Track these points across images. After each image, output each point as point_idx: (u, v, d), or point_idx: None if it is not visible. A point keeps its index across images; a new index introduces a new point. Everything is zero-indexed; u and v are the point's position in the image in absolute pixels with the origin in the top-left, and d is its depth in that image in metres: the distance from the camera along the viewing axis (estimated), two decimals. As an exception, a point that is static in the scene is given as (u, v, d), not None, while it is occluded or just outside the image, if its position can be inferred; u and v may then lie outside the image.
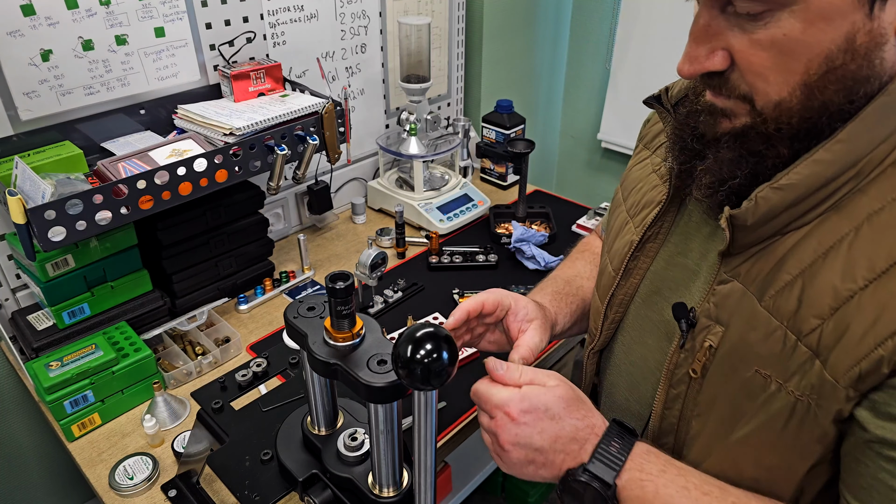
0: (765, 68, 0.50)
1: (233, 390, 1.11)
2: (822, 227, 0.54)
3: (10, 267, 1.18)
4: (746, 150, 0.55)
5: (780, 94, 0.51)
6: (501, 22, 1.90)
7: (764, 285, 0.56)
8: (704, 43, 0.53)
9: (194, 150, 1.13)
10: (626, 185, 0.79)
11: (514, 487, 1.88)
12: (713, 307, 0.60)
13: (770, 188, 0.53)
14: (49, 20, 1.08)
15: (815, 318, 0.52)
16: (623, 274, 0.73)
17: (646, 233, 0.71)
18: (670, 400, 0.65)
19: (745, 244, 0.57)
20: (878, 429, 0.50)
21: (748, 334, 0.56)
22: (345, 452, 0.83)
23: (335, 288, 0.68)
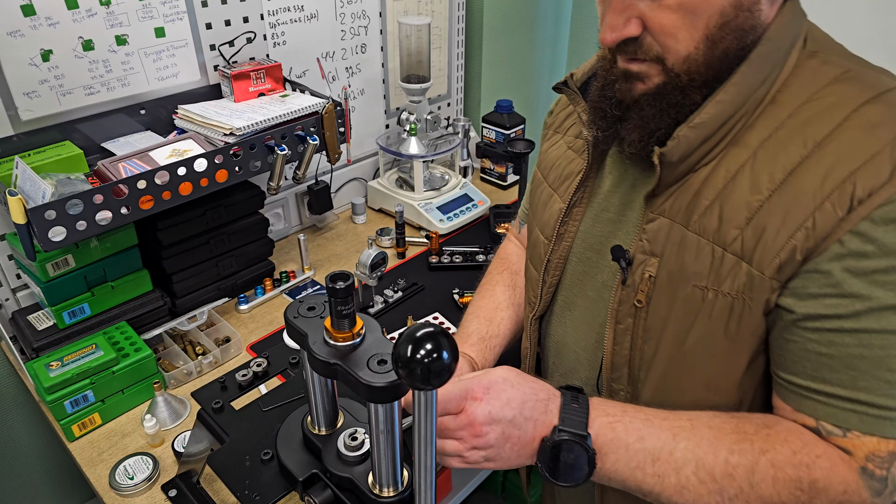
0: (674, 28, 0.60)
1: (233, 390, 1.11)
2: (726, 159, 0.64)
3: (11, 267, 1.18)
4: (666, 103, 0.64)
5: (688, 49, 0.61)
6: (501, 22, 1.91)
7: (687, 214, 0.65)
8: (621, 14, 0.61)
9: (194, 150, 1.13)
10: (544, 165, 0.88)
11: (514, 487, 1.88)
12: (646, 243, 0.68)
13: (688, 127, 0.63)
14: (49, 20, 1.08)
15: (735, 228, 0.62)
16: (556, 239, 0.81)
17: (572, 198, 0.79)
18: (619, 335, 0.72)
19: (666, 184, 0.67)
20: (802, 307, 0.60)
21: (682, 257, 0.66)
22: (345, 452, 0.83)
23: (335, 288, 0.68)
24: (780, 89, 0.63)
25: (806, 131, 0.60)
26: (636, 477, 0.65)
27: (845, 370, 0.59)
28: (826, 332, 0.60)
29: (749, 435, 0.64)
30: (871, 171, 0.56)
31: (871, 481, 0.59)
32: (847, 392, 0.59)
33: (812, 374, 0.61)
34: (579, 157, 0.80)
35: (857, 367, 0.59)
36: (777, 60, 0.63)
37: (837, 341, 0.59)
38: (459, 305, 1.32)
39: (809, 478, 0.60)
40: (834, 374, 0.60)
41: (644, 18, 0.61)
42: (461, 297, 1.33)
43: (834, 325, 0.59)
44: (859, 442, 0.59)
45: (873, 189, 0.56)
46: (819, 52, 0.64)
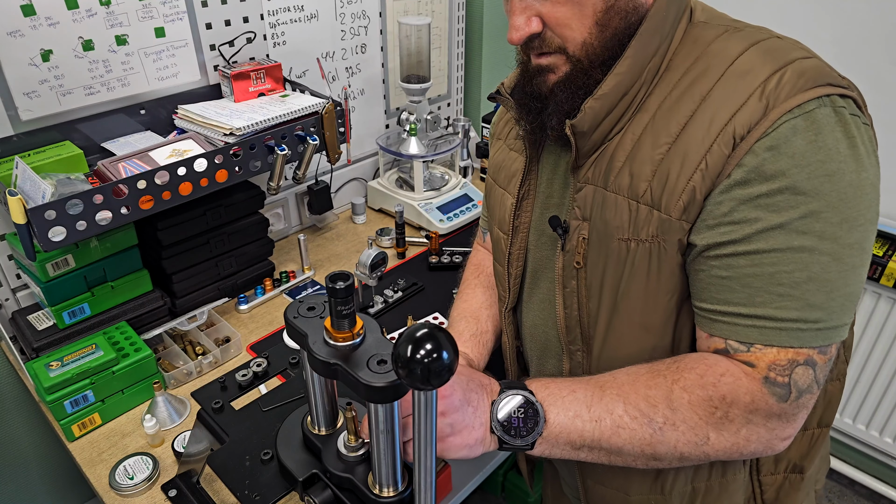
0: (567, 19, 0.68)
1: (233, 390, 1.11)
2: (633, 125, 0.71)
3: (11, 267, 1.18)
4: (575, 86, 0.71)
5: (582, 36, 0.68)
6: (501, 22, 1.90)
7: (606, 177, 0.72)
8: (522, 14, 0.69)
9: (194, 150, 1.13)
10: (492, 170, 0.94)
11: (513, 487, 1.88)
12: (577, 210, 0.75)
13: (592, 99, 0.70)
14: (49, 20, 1.08)
15: (644, 181, 0.69)
16: (512, 232, 0.87)
17: (519, 192, 0.85)
18: (567, 297, 0.79)
19: (585, 153, 0.73)
20: (703, 239, 0.67)
21: (605, 216, 0.73)
22: (345, 452, 0.83)
23: (335, 288, 0.68)
24: (672, 57, 0.71)
25: (694, 88, 0.68)
26: (577, 426, 0.70)
27: (742, 289, 0.66)
28: (724, 258, 0.66)
29: (661, 371, 0.70)
30: (747, 111, 0.64)
31: (775, 388, 0.65)
32: (746, 309, 0.66)
33: (716, 297, 0.68)
34: (520, 155, 0.87)
35: (753, 286, 0.65)
36: (665, 33, 0.70)
37: (734, 264, 0.66)
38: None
39: (718, 394, 0.66)
40: (734, 295, 0.66)
41: (542, 16, 0.69)
42: (461, 297, 1.33)
43: (729, 251, 0.65)
44: (761, 354, 0.66)
45: (751, 126, 0.63)
46: (702, 22, 0.73)
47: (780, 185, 0.62)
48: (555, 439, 0.71)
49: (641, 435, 0.69)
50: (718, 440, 0.68)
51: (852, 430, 1.82)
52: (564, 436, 0.71)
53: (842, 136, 0.62)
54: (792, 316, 0.64)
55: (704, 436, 0.68)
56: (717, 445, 0.68)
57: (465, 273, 1.10)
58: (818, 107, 0.62)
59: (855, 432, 1.82)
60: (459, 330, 0.98)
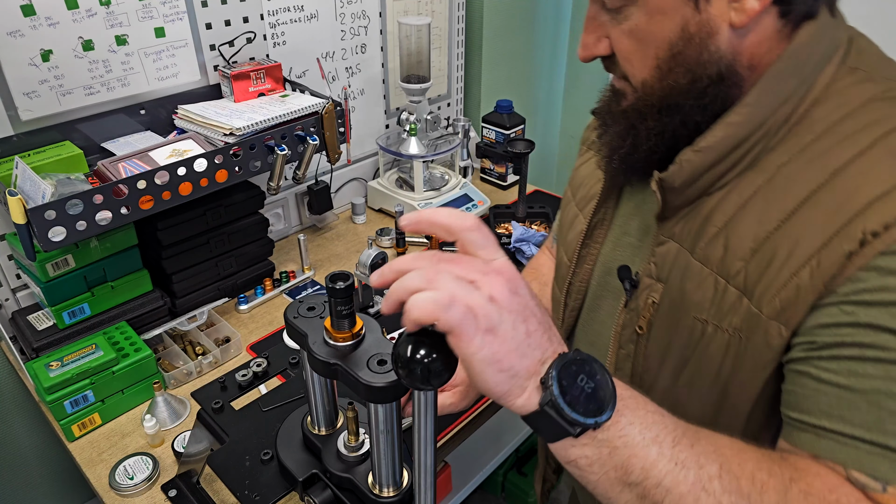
0: (629, 53, 0.60)
1: (233, 390, 1.11)
2: (740, 184, 0.59)
3: (11, 267, 1.18)
4: (626, 124, 0.63)
5: (643, 75, 0.60)
6: (501, 22, 1.90)
7: (695, 240, 0.61)
8: (593, 32, 0.62)
9: (194, 150, 1.13)
10: (574, 183, 0.85)
11: (513, 487, 1.88)
12: (654, 267, 0.65)
13: (691, 151, 0.59)
14: (49, 20, 1.08)
15: (740, 260, 0.57)
16: (577, 261, 0.78)
17: (592, 220, 0.76)
18: (621, 360, 0.70)
19: (676, 206, 0.63)
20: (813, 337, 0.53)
21: (684, 285, 0.62)
22: (345, 452, 0.83)
23: (335, 288, 0.68)
24: (809, 108, 0.57)
25: (828, 156, 0.54)
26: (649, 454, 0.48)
27: (870, 409, 0.50)
28: (845, 361, 0.51)
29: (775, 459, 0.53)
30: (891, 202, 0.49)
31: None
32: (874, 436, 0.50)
33: (828, 410, 0.52)
34: None
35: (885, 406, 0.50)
36: (805, 76, 0.57)
37: (859, 371, 0.51)
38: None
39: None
40: (856, 413, 0.51)
41: (610, 40, 0.61)
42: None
43: (854, 353, 0.51)
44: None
45: (890, 222, 0.49)
46: (861, 68, 0.58)
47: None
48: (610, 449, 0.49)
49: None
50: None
51: None
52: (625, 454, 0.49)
53: None
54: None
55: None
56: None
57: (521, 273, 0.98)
58: None
59: None
60: None
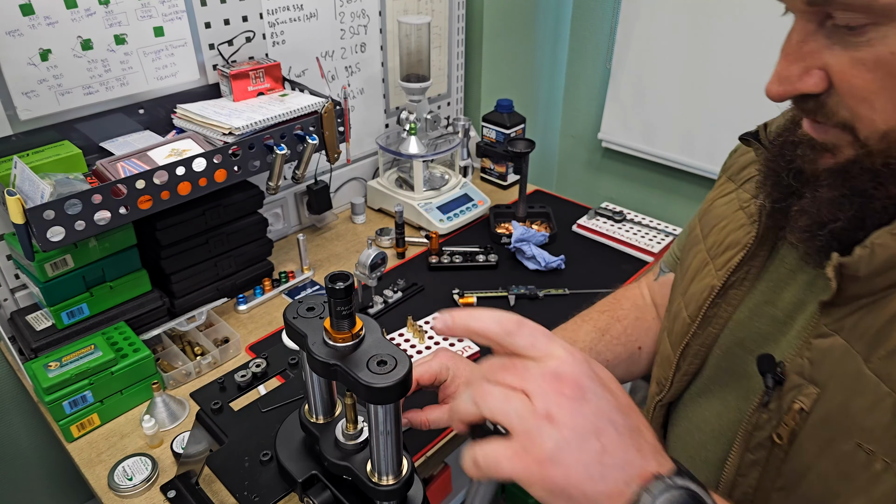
0: (869, 92, 0.44)
1: (232, 391, 1.11)
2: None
3: (9, 267, 1.18)
4: (850, 188, 0.48)
5: (888, 123, 0.44)
6: (501, 21, 1.90)
7: (873, 344, 0.48)
8: (798, 61, 0.46)
9: (193, 149, 1.13)
10: (707, 220, 0.71)
11: (514, 487, 1.88)
12: (807, 363, 0.52)
13: (890, 234, 0.46)
14: (48, 20, 1.08)
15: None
16: (701, 322, 0.66)
17: (729, 278, 0.64)
18: (746, 466, 0.57)
19: (853, 296, 0.50)
20: None
21: (851, 400, 0.49)
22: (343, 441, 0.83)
23: (335, 288, 0.67)
24: None
25: None
26: None
27: None
28: None
29: None
30: None
31: None
32: None
33: None
34: (751, 224, 0.63)
35: None
36: None
37: None
38: (459, 307, 1.32)
39: None
40: None
41: (829, 72, 0.45)
42: (461, 297, 1.33)
43: None
44: None
45: None
46: None
47: None
48: None
49: None
50: None
51: None
52: None
53: None
54: None
55: None
56: None
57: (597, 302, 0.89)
58: None
59: None
60: None
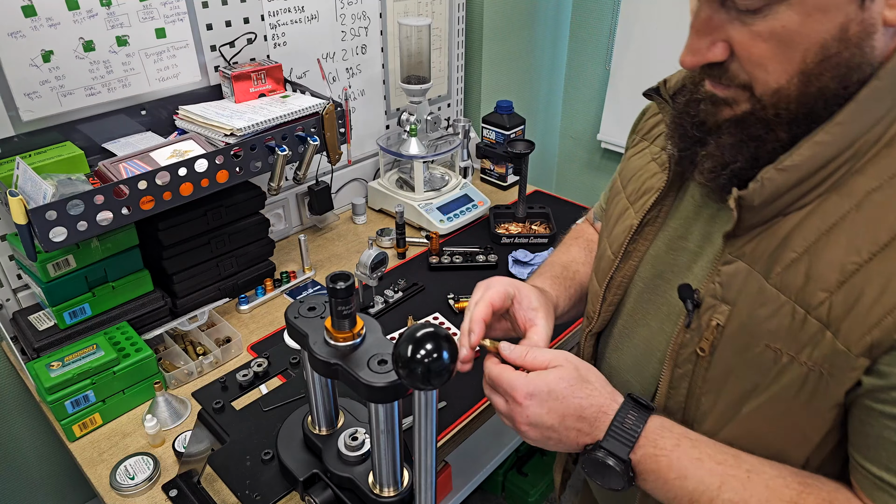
0: (764, 58, 0.53)
1: (234, 390, 1.12)
2: (823, 206, 0.56)
3: (12, 267, 1.19)
4: (747, 135, 0.57)
5: (778, 82, 0.54)
6: (501, 22, 1.91)
7: (769, 263, 0.58)
8: (706, 35, 0.55)
9: (195, 150, 1.13)
10: (625, 173, 0.81)
11: (514, 487, 1.88)
12: (718, 287, 0.62)
13: (775, 169, 0.55)
14: (50, 21, 1.08)
15: (823, 291, 0.54)
16: (622, 257, 0.75)
17: (645, 216, 0.73)
18: (676, 379, 0.67)
19: (750, 225, 0.59)
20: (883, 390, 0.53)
21: (756, 311, 0.58)
22: (345, 452, 0.84)
23: (336, 288, 0.68)
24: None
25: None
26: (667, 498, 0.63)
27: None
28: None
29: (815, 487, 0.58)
30: None
31: None
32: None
33: (887, 464, 0.55)
34: (662, 172, 0.73)
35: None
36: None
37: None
38: (455, 311, 1.32)
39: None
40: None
41: (732, 43, 0.54)
42: (457, 301, 1.33)
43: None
44: None
45: None
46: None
47: None
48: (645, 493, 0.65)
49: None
50: None
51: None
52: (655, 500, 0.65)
53: None
54: None
55: None
56: None
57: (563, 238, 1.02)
58: None
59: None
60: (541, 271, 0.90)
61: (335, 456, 0.85)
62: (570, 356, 0.68)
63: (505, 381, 0.65)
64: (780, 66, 0.53)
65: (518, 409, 0.64)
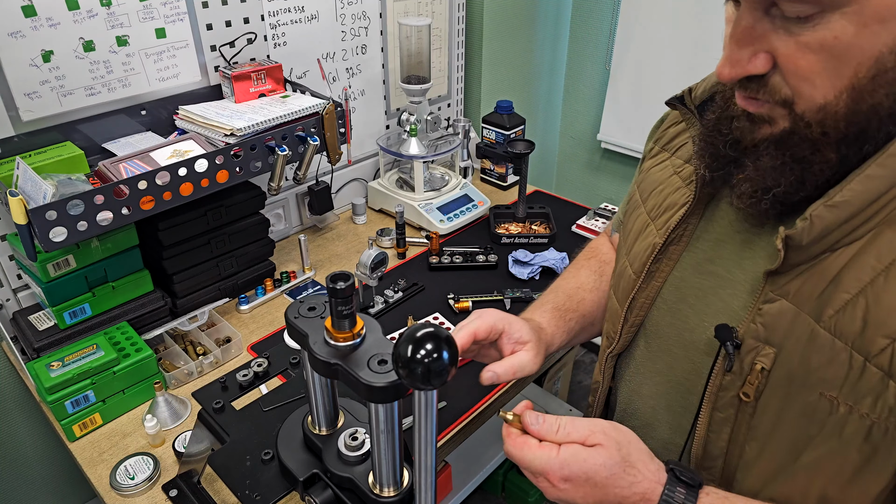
0: (812, 72, 0.49)
1: (234, 390, 1.12)
2: (877, 242, 0.52)
3: (12, 267, 1.19)
4: (790, 156, 0.53)
5: (825, 98, 0.50)
6: (501, 22, 1.91)
7: (820, 305, 0.54)
8: (747, 45, 0.51)
9: (195, 150, 1.13)
10: (645, 186, 0.77)
11: (514, 487, 1.88)
12: (761, 328, 0.58)
13: (824, 206, 0.52)
14: (50, 21, 1.08)
15: (884, 337, 0.50)
16: (645, 277, 0.72)
17: (670, 235, 0.69)
18: (717, 423, 0.63)
19: (794, 263, 0.56)
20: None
21: (808, 357, 0.54)
22: (345, 452, 0.84)
23: (336, 288, 0.68)
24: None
25: None
26: None
27: None
28: None
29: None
30: None
31: None
32: None
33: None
34: (686, 186, 0.69)
35: None
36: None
37: None
38: (455, 311, 1.32)
39: None
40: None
41: (775, 55, 0.51)
42: (457, 302, 1.33)
43: None
44: None
45: None
46: None
47: None
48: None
49: None
50: None
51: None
52: None
53: None
54: None
55: None
56: None
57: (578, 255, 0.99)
58: None
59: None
60: (544, 300, 0.88)
61: (335, 456, 0.85)
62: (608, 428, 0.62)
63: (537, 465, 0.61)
64: (829, 81, 0.49)
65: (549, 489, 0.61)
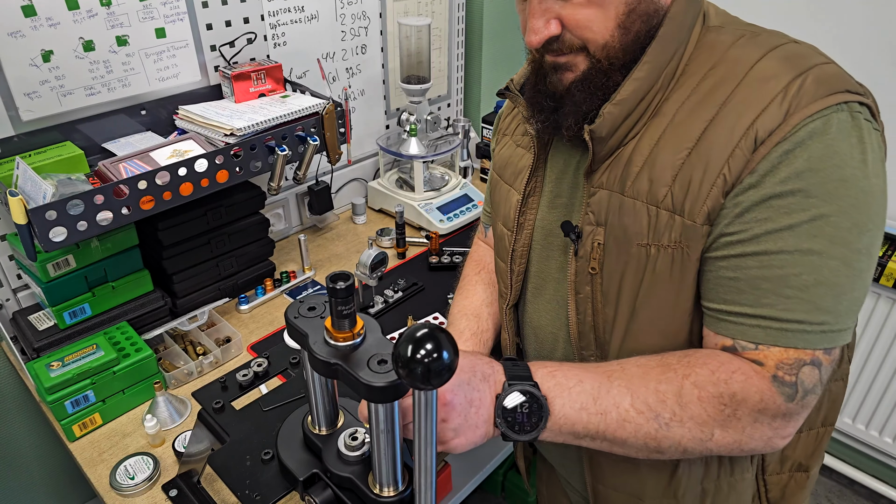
0: (588, 21, 0.68)
1: (233, 390, 1.12)
2: (650, 129, 0.71)
3: (12, 267, 1.19)
4: (593, 86, 0.71)
5: (604, 38, 0.69)
6: (501, 22, 1.91)
7: (622, 182, 0.72)
8: (541, 17, 0.69)
9: (195, 150, 1.13)
10: (498, 166, 0.94)
11: (514, 487, 1.88)
12: (591, 215, 0.75)
13: (611, 104, 0.70)
14: (50, 21, 1.08)
15: (664, 186, 0.69)
16: (517, 229, 0.87)
17: (525, 189, 0.85)
18: (581, 303, 0.78)
19: (601, 158, 0.74)
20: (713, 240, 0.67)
21: (623, 221, 0.72)
22: (345, 452, 0.84)
23: (336, 288, 0.68)
24: (688, 62, 0.72)
25: (714, 94, 0.68)
26: (582, 418, 0.70)
27: (751, 291, 0.67)
28: (733, 258, 0.67)
29: (672, 365, 0.70)
30: (769, 116, 0.64)
31: (783, 387, 0.66)
32: (753, 310, 0.67)
33: (724, 297, 0.69)
34: (528, 151, 0.86)
35: (760, 287, 0.66)
36: (681, 38, 0.71)
37: (742, 265, 0.67)
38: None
39: (729, 391, 0.67)
40: (741, 296, 0.67)
41: (562, 18, 0.69)
42: (461, 297, 1.33)
43: (738, 251, 0.67)
44: (769, 353, 0.67)
45: (771, 130, 0.64)
46: (716, 26, 0.73)
47: (792, 187, 0.63)
48: (558, 430, 0.71)
49: (647, 430, 0.69)
50: (723, 437, 0.68)
51: (852, 429, 1.82)
52: (568, 427, 0.71)
53: (856, 143, 0.63)
54: (798, 318, 0.65)
55: (710, 432, 0.68)
56: (721, 441, 0.69)
57: (465, 269, 1.10)
58: (836, 112, 0.63)
59: (855, 432, 1.82)
60: (460, 328, 0.98)
61: (335, 456, 0.85)
62: None
63: None
64: (602, 25, 0.68)
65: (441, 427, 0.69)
